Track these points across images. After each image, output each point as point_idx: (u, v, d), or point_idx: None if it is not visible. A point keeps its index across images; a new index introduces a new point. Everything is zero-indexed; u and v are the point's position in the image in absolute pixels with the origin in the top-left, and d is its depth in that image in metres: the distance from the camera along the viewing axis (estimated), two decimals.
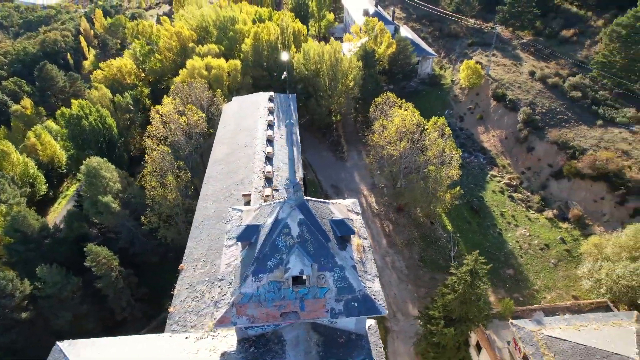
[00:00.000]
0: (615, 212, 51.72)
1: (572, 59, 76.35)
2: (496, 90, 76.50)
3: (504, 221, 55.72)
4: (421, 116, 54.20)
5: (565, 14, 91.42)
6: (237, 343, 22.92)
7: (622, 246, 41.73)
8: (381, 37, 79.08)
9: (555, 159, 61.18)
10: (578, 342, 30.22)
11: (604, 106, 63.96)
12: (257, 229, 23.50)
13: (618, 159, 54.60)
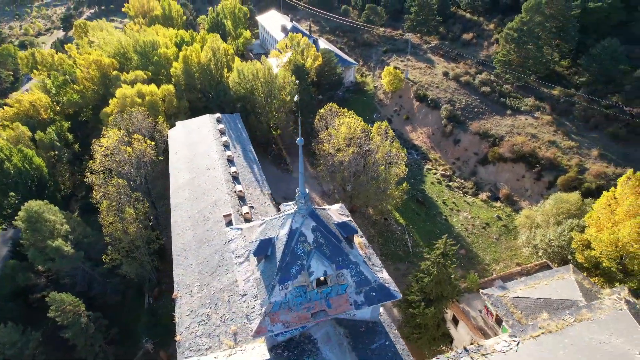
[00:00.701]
0: (535, 187, 60.19)
1: (476, 59, 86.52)
2: (417, 92, 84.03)
3: (447, 208, 61.88)
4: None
5: (462, 19, 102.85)
6: (268, 352, 24.28)
7: (548, 214, 49.15)
8: (307, 51, 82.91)
9: (479, 147, 69.16)
10: (537, 297, 35.68)
11: (509, 98, 73.67)
12: (270, 242, 25.15)
13: (530, 142, 63.53)
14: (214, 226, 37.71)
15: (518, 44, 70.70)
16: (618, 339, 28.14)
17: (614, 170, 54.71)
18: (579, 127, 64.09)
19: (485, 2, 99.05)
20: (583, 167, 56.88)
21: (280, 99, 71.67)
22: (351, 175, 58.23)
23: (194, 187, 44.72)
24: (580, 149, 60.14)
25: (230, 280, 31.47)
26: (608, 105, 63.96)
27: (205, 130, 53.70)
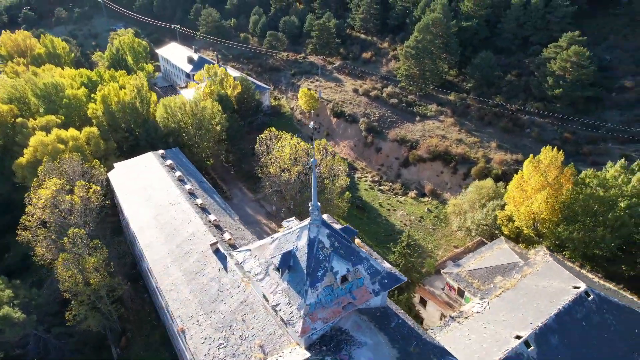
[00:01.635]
0: (453, 180, 70.11)
1: (379, 75, 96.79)
2: (334, 109, 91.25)
3: (384, 209, 68.88)
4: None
5: (358, 40, 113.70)
6: (307, 350, 27.13)
7: (472, 200, 58.35)
8: (226, 80, 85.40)
9: (399, 152, 77.91)
10: (487, 266, 43.14)
11: (415, 106, 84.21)
12: (291, 254, 28.27)
13: (441, 142, 73.75)
14: (200, 257, 38.86)
15: (416, 59, 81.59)
16: (555, 281, 36.16)
17: (511, 157, 66.53)
18: (477, 125, 76.12)
19: (376, 24, 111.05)
20: (488, 157, 68.08)
21: (211, 129, 73.09)
22: (297, 193, 62.19)
23: (161, 224, 44.91)
24: (482, 143, 71.69)
25: (238, 302, 33.33)
26: (494, 104, 77.14)
27: (154, 167, 53.61)
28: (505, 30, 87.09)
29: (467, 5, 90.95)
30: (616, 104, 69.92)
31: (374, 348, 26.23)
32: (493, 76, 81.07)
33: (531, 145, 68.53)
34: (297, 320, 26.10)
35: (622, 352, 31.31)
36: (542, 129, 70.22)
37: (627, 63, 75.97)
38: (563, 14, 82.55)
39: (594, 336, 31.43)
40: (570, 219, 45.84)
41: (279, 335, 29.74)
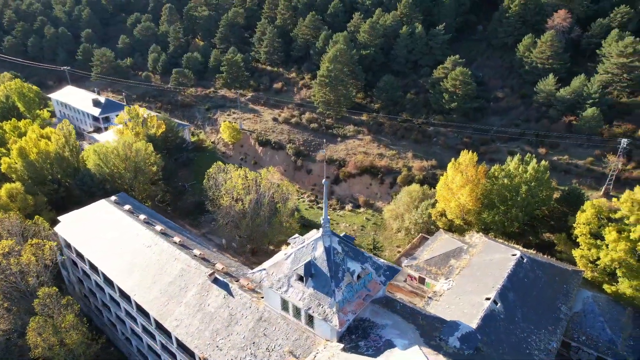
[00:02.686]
0: (382, 190, 79.48)
1: (294, 102, 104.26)
2: (258, 139, 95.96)
3: (331, 221, 75.14)
4: (203, 176, 67.03)
5: (265, 72, 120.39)
6: (340, 342, 31.68)
7: (406, 203, 67.65)
8: (151, 120, 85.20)
9: (330, 171, 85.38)
10: (438, 254, 51.61)
11: (335, 128, 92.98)
12: (311, 264, 32.91)
13: (366, 158, 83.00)
14: (200, 289, 40.71)
15: (330, 86, 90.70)
16: (497, 254, 45.78)
17: (427, 163, 78.04)
18: (392, 139, 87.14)
19: (280, 56, 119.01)
20: (408, 166, 78.80)
21: (147, 171, 72.86)
22: (250, 220, 65.64)
23: (142, 267, 45.26)
24: (400, 154, 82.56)
25: (254, 320, 36.35)
26: (403, 120, 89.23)
27: (114, 213, 52.98)
28: (398, 55, 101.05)
29: (363, 36, 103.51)
30: (495, 111, 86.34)
31: (395, 326, 31.98)
32: (396, 96, 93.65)
33: (440, 152, 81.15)
34: (332, 316, 30.77)
35: (550, 296, 41.35)
36: (446, 137, 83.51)
37: (495, 78, 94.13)
38: (441, 40, 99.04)
39: (533, 288, 41.03)
40: (489, 206, 56.99)
41: (305, 338, 33.86)
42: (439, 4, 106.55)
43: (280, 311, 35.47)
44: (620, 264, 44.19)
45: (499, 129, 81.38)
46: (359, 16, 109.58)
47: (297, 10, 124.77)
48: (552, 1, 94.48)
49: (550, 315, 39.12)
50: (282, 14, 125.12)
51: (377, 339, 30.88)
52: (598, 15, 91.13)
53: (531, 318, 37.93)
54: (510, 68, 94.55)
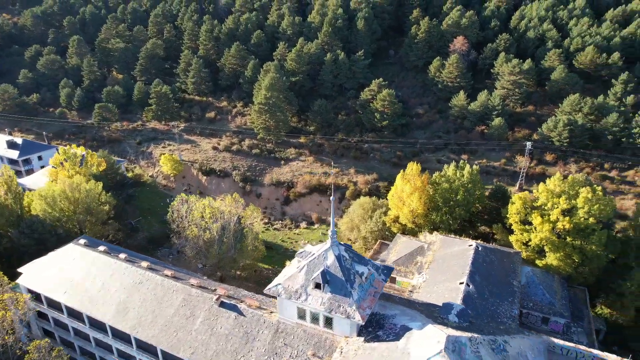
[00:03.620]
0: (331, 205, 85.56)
1: (231, 130, 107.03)
2: (202, 168, 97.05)
3: (288, 243, 79.27)
4: (148, 211, 68.42)
5: (194, 102, 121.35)
6: (359, 336, 36.38)
7: (360, 215, 74.49)
8: (91, 159, 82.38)
9: (278, 193, 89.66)
10: (404, 255, 58.64)
11: (277, 152, 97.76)
12: (325, 272, 37.48)
13: (312, 177, 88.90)
14: (208, 315, 42.49)
15: (270, 113, 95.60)
16: (455, 247, 54.04)
17: (370, 177, 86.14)
18: (333, 158, 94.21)
19: (208, 86, 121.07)
20: (353, 181, 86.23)
21: (99, 210, 70.91)
22: (218, 247, 67.53)
23: (138, 305, 45.46)
24: (343, 171, 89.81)
25: (271, 333, 39.43)
26: (339, 140, 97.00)
27: (88, 256, 51.71)
28: (325, 80, 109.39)
29: (290, 64, 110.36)
30: (418, 126, 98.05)
31: (403, 314, 37.68)
32: (330, 118, 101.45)
33: (378, 166, 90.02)
34: (353, 313, 35.55)
35: (503, 274, 50.29)
36: (381, 152, 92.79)
37: (413, 97, 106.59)
38: (362, 65, 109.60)
39: (490, 270, 49.60)
40: (436, 209, 65.96)
41: (324, 339, 38.09)
42: (355, 32, 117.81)
43: (297, 320, 39.25)
44: (546, 242, 55.06)
45: (425, 142, 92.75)
46: (283, 45, 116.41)
47: (219, 41, 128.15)
48: (450, 29, 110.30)
49: (507, 290, 47.85)
50: (204, 44, 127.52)
51: (393, 327, 36.31)
52: (487, 40, 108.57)
53: (495, 293, 46.22)
54: (424, 87, 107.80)
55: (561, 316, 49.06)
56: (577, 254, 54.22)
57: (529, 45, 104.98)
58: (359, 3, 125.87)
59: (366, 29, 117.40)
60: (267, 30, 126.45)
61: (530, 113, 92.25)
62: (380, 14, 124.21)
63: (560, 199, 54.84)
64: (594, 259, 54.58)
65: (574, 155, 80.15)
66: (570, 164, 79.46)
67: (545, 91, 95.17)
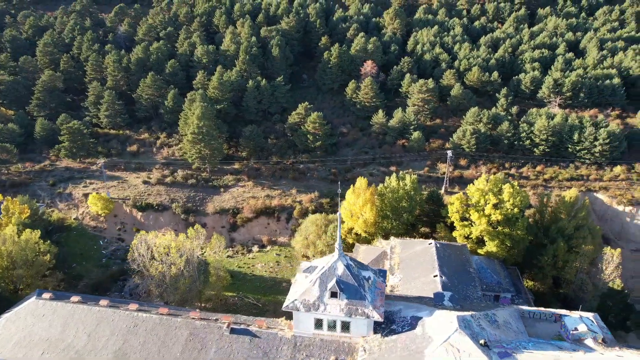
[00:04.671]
0: (280, 226, 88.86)
1: (159, 162, 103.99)
2: (136, 204, 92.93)
3: (245, 269, 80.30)
4: (81, 257, 66.93)
5: (110, 136, 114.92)
6: (375, 332, 40.81)
7: (314, 231, 79.01)
8: (13, 207, 74.52)
9: (224, 221, 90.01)
10: (369, 261, 64.48)
11: (214, 180, 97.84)
12: (338, 281, 41.50)
13: (256, 201, 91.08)
14: (221, 343, 43.06)
15: (204, 142, 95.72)
16: (418, 247, 61.60)
17: (312, 195, 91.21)
18: (272, 181, 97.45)
19: (124, 118, 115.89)
20: (297, 201, 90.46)
21: (40, 261, 65.13)
22: (185, 280, 66.69)
23: (138, 350, 43.89)
24: (285, 192, 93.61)
25: (290, 347, 41.80)
26: (275, 162, 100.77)
27: (62, 309, 48.19)
28: (249, 106, 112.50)
29: (213, 92, 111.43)
30: (345, 144, 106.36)
31: (407, 307, 43.17)
32: (262, 142, 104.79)
33: (317, 184, 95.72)
34: (371, 313, 40.08)
35: (462, 264, 58.94)
36: (316, 171, 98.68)
37: (334, 117, 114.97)
38: (284, 90, 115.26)
39: (451, 262, 57.72)
40: (386, 217, 73.52)
41: (342, 343, 41.92)
42: (271, 59, 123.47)
43: (314, 331, 42.46)
44: (485, 233, 65.66)
45: (354, 158, 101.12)
46: (202, 74, 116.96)
47: (129, 71, 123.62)
48: (359, 54, 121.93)
49: (467, 277, 56.41)
50: (113, 75, 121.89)
51: (403, 319, 41.63)
52: (390, 63, 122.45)
53: (461, 281, 54.35)
54: (343, 107, 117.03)
55: (508, 292, 59.20)
56: (508, 239, 65.63)
57: (427, 67, 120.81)
58: (270, 31, 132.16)
59: (281, 55, 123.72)
60: (181, 59, 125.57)
61: (439, 125, 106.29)
62: (290, 41, 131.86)
63: (490, 195, 65.96)
64: (520, 242, 66.56)
65: (482, 158, 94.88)
66: (480, 166, 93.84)
67: (448, 106, 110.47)
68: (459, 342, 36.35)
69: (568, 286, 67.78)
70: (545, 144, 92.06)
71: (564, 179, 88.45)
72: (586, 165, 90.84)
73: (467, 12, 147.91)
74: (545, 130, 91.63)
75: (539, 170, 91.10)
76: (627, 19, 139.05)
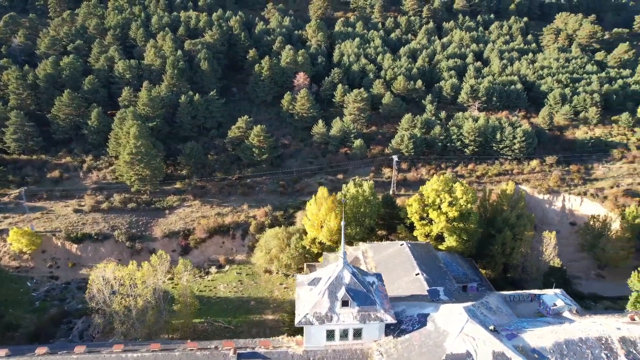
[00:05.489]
0: (236, 243, 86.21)
1: (90, 188, 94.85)
2: (70, 236, 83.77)
3: (207, 291, 76.52)
4: (6, 303, 65.52)
5: (25, 161, 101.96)
6: (386, 335, 41.94)
7: (277, 245, 78.06)
8: None
9: (174, 244, 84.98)
10: None
11: (157, 202, 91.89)
12: (349, 289, 42.08)
13: (207, 220, 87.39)
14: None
15: (144, 162, 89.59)
16: (390, 249, 64.22)
17: (266, 209, 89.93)
18: (221, 198, 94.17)
19: (38, 141, 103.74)
20: (251, 216, 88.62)
21: None
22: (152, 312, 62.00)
23: None
24: (236, 208, 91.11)
25: None
26: (220, 179, 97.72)
27: None
28: (183, 122, 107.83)
29: (143, 109, 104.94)
30: (289, 155, 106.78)
31: (410, 306, 45.06)
32: (203, 159, 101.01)
33: (267, 197, 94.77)
34: (384, 316, 41.27)
35: (432, 260, 62.64)
36: (265, 184, 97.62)
37: (272, 129, 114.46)
38: (218, 105, 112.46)
39: (423, 259, 61.13)
40: (348, 224, 75.40)
41: (356, 350, 42.50)
42: (199, 73, 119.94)
43: (325, 342, 42.45)
44: (444, 229, 70.68)
45: (301, 169, 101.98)
46: (129, 90, 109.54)
47: (37, 89, 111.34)
48: (290, 67, 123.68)
49: (441, 271, 60.31)
50: (17, 93, 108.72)
51: (411, 318, 43.46)
52: (319, 74, 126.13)
53: (439, 276, 57.99)
54: (280, 119, 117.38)
55: (474, 281, 64.38)
56: (464, 233, 71.35)
57: (356, 77, 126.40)
58: (194, 44, 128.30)
59: (210, 69, 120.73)
60: (100, 75, 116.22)
61: (376, 132, 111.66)
62: (216, 54, 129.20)
63: (444, 194, 71.23)
64: (474, 235, 72.78)
65: (420, 161, 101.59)
66: (420, 168, 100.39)
67: (380, 114, 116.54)
68: (473, 331, 39.10)
69: (515, 270, 75.49)
70: (473, 144, 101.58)
71: (493, 175, 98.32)
72: (509, 160, 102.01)
73: (382, 25, 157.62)
74: (473, 131, 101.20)
75: (470, 168, 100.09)
76: (514, 33, 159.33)
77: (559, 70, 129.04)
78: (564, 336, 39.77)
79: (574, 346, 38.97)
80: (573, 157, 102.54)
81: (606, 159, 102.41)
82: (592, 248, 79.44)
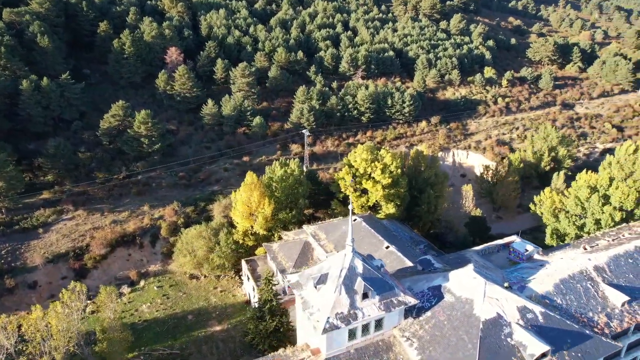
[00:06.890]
0: (147, 253, 72.36)
1: None
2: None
3: (127, 313, 62.86)
4: None
5: None
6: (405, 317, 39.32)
7: (204, 245, 67.83)
8: None
9: (62, 270, 67.29)
10: (296, 257, 60.22)
11: (22, 221, 70.96)
12: (365, 279, 37.87)
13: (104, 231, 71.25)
14: None
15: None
16: (344, 226, 61.17)
17: (173, 206, 77.02)
18: (112, 202, 77.29)
19: None
20: (157, 216, 75.14)
21: None
22: None
23: None
24: (135, 212, 76.03)
25: None
26: (104, 180, 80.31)
27: None
28: (32, 115, 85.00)
29: None
30: (180, 142, 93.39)
31: (415, 281, 43.01)
32: (75, 159, 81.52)
33: (169, 192, 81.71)
34: (405, 299, 38.42)
35: (385, 228, 61.84)
36: (163, 179, 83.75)
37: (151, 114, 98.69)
38: (77, 90, 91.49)
39: (381, 231, 59.50)
40: (282, 208, 69.61)
41: (379, 341, 38.99)
42: (37, 51, 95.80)
43: (347, 343, 37.91)
44: (381, 198, 70.51)
45: (198, 157, 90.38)
46: None
47: None
48: (156, 41, 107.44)
49: (398, 239, 60.06)
50: None
51: (422, 293, 41.55)
52: (190, 49, 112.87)
53: (402, 244, 57.54)
54: (156, 102, 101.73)
55: (421, 243, 66.12)
56: (397, 199, 72.45)
57: (233, 50, 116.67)
58: (18, 15, 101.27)
59: (52, 46, 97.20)
60: None
61: (269, 108, 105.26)
62: (52, 27, 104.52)
63: (375, 163, 70.80)
64: (405, 199, 74.52)
65: (322, 134, 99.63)
66: (324, 141, 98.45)
67: (267, 88, 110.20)
68: (494, 293, 39.20)
69: (439, 225, 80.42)
70: (369, 111, 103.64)
71: (391, 139, 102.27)
72: (400, 125, 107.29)
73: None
74: (367, 99, 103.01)
75: (369, 135, 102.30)
76: (369, 3, 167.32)
77: (420, 38, 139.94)
78: (558, 277, 43.01)
79: (568, 284, 42.51)
80: (450, 116, 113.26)
81: (475, 115, 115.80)
82: (489, 194, 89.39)
